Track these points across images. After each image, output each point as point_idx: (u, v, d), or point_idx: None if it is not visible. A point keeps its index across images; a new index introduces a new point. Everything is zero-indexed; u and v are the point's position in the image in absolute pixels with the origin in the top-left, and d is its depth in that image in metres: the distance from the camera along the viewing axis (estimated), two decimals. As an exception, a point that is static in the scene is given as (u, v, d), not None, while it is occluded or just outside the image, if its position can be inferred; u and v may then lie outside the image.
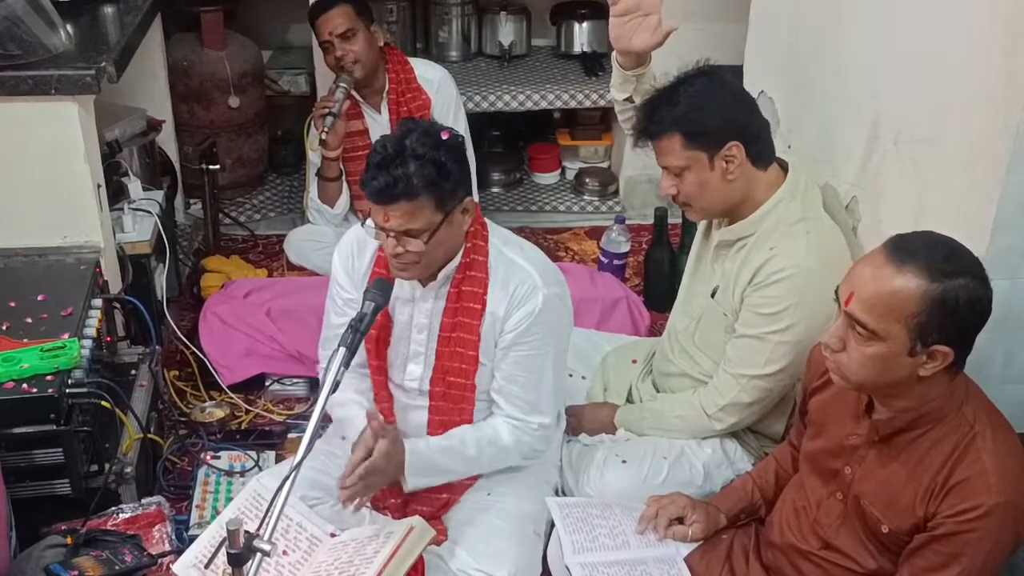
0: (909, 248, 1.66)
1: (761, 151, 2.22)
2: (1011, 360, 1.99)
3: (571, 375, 2.64)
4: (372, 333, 2.16)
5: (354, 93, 3.34)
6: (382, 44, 3.39)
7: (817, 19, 2.55)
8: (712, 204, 2.24)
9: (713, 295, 2.33)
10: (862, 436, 1.83)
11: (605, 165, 4.38)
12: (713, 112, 2.17)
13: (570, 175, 4.40)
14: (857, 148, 2.36)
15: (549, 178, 4.40)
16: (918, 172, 2.11)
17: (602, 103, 4.12)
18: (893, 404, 1.75)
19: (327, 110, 3.23)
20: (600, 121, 4.39)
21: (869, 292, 1.65)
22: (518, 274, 2.15)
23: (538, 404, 2.21)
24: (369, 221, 2.06)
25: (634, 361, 2.65)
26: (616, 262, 3.49)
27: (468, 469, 2.23)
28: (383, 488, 2.26)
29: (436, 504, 2.26)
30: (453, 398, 2.22)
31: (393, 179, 1.96)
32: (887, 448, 1.79)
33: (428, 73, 3.49)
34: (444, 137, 2.03)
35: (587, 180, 4.28)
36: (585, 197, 4.24)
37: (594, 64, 4.23)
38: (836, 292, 1.73)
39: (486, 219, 2.22)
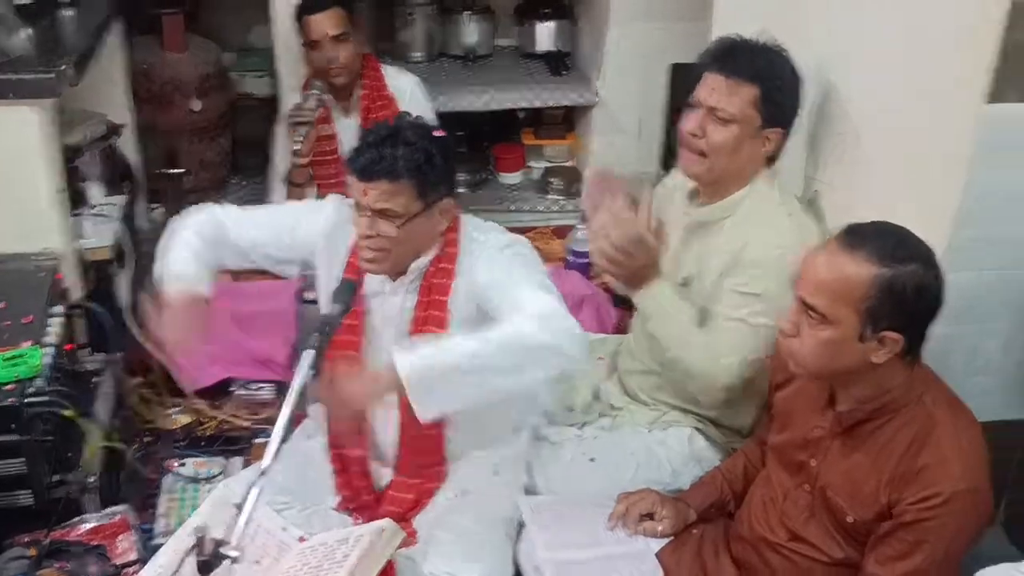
0: (861, 235, 1.70)
1: (781, 147, 2.23)
2: (974, 352, 2.02)
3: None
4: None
5: (326, 98, 3.32)
6: (364, 52, 3.37)
7: (781, 15, 2.55)
8: (724, 167, 2.19)
9: (685, 284, 2.31)
10: (825, 428, 1.85)
11: (570, 164, 4.38)
12: (790, 92, 2.18)
13: (536, 174, 4.39)
14: (821, 141, 2.38)
15: (514, 177, 4.39)
16: (882, 165, 2.13)
17: (566, 102, 4.11)
18: (852, 392, 1.78)
19: (300, 120, 3.21)
20: (564, 120, 4.39)
21: (821, 277, 1.70)
22: (480, 245, 2.17)
23: (539, 289, 2.02)
24: (349, 200, 2.07)
25: (600, 358, 2.64)
26: (582, 261, 3.49)
27: (480, 361, 1.92)
28: (356, 480, 2.25)
29: (406, 505, 2.25)
30: None
31: (380, 156, 2.00)
32: (850, 439, 1.81)
33: (399, 82, 3.46)
34: (436, 134, 2.09)
35: (552, 179, 4.27)
36: (550, 196, 4.23)
37: (558, 63, 4.22)
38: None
39: (464, 217, 2.22)
